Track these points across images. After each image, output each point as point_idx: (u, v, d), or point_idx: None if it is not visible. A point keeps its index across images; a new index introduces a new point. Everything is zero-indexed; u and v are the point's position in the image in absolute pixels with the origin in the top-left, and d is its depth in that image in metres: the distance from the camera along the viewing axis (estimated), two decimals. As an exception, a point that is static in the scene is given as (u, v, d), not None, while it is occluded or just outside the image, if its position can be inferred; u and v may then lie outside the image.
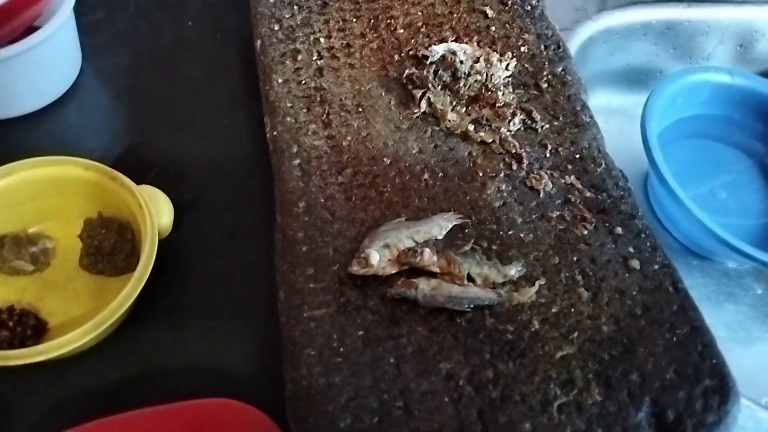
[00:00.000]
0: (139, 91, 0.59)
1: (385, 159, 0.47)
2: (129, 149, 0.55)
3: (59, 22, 0.51)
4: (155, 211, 0.44)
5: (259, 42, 0.54)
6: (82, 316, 0.44)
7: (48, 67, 0.53)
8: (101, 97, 0.59)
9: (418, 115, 0.50)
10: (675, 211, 0.61)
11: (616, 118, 0.76)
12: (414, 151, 0.48)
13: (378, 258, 0.40)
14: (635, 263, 0.44)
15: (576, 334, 0.40)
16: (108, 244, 0.45)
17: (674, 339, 0.41)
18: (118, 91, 0.59)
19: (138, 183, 0.45)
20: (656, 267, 0.44)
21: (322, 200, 0.44)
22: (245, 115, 0.57)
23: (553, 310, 0.41)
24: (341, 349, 0.37)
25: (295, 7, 0.56)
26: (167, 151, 0.54)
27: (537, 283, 0.42)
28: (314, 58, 0.52)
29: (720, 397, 0.39)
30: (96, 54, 0.61)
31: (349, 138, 0.48)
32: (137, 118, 0.57)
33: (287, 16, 0.55)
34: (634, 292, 0.43)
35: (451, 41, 0.54)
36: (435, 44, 0.53)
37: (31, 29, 0.51)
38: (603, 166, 0.49)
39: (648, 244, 0.45)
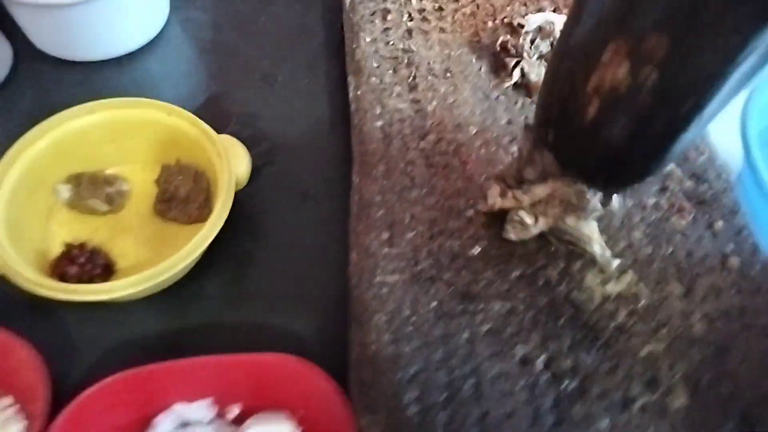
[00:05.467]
0: (222, 46, 0.59)
1: (471, 127, 0.44)
2: (209, 101, 0.55)
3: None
4: (233, 161, 0.43)
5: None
6: (150, 260, 0.43)
7: (134, 13, 0.53)
8: (185, 49, 0.59)
9: (509, 85, 0.47)
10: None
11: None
12: (503, 122, 0.45)
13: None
14: (735, 262, 0.40)
15: (665, 331, 0.37)
16: (183, 191, 0.44)
17: (773, 347, 0.37)
18: (201, 44, 0.59)
19: (218, 133, 0.45)
20: (757, 268, 0.41)
21: (402, 165, 0.42)
22: (326, 76, 0.56)
23: (642, 303, 0.38)
24: (413, 319, 0.36)
25: (388, -34, 0.54)
26: (247, 106, 0.54)
27: (630, 273, 0.39)
28: (404, 18, 0.50)
29: (822, 414, 0.35)
30: (183, 7, 0.61)
31: (434, 103, 0.46)
32: (219, 72, 0.57)
33: (379, -26, 0.53)
34: (731, 293, 0.39)
35: (550, 11, 0.51)
36: (532, 13, 0.50)
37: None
38: (706, 155, 0.45)
39: (749, 242, 0.42)
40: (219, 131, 0.46)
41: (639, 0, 0.27)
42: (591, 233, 0.39)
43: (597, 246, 0.40)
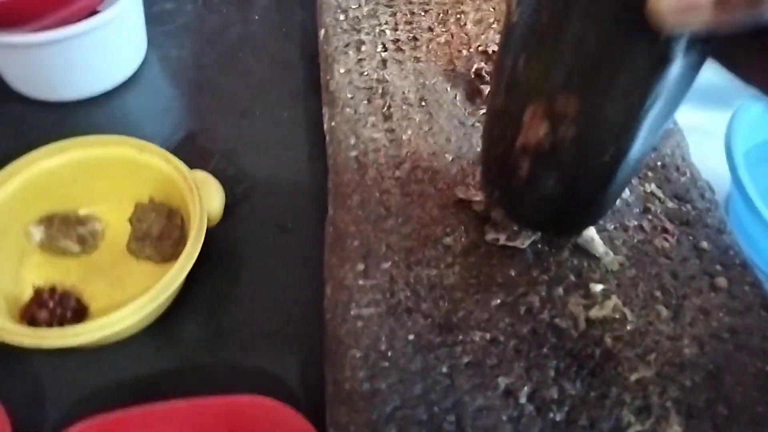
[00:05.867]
0: (202, 82, 0.58)
1: (446, 155, 0.44)
2: (187, 138, 0.54)
3: (123, 6, 0.50)
4: (206, 196, 0.42)
5: (323, 31, 0.52)
6: (124, 301, 0.41)
7: (110, 51, 0.53)
8: (163, 86, 0.58)
9: (485, 111, 0.46)
10: (762, 237, 0.55)
11: (693, 136, 0.70)
12: (479, 149, 0.44)
13: None
14: (722, 281, 0.39)
15: (654, 356, 0.36)
16: (156, 229, 0.43)
17: (766, 368, 0.36)
18: (180, 80, 0.59)
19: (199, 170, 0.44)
20: (746, 287, 0.39)
21: (377, 194, 0.41)
22: (305, 109, 0.55)
23: (628, 328, 0.37)
24: (389, 353, 0.34)
25: (362, -1, 0.54)
26: (225, 142, 0.53)
27: (613, 297, 0.38)
28: (378, 49, 0.50)
29: (821, 438, 0.34)
30: (161, 43, 0.61)
31: (409, 132, 0.45)
32: (198, 108, 0.56)
33: (354, 6, 0.53)
34: (720, 314, 0.38)
35: (524, 37, 0.51)
36: (506, 40, 0.50)
37: (95, 14, 0.51)
38: (687, 175, 0.45)
39: (737, 261, 0.41)
40: (197, 168, 0.45)
41: (547, 64, 0.29)
42: (592, 235, 0.40)
43: (600, 246, 0.40)
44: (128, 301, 0.38)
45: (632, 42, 0.26)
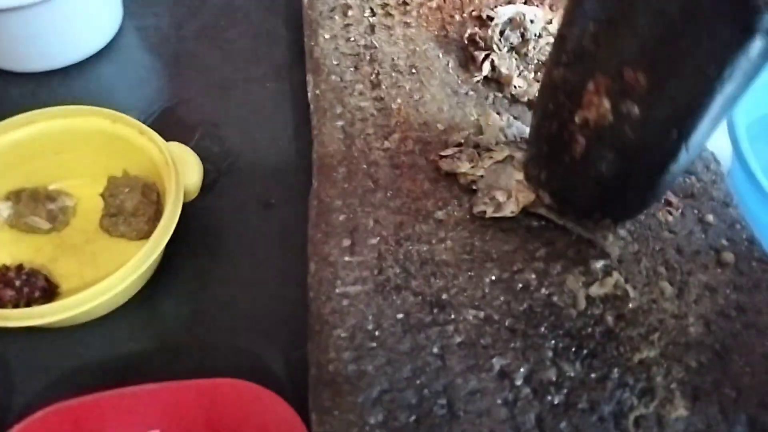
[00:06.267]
0: (181, 53, 0.55)
1: (438, 125, 0.41)
2: (166, 110, 0.51)
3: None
4: (183, 170, 0.40)
5: (307, -5, 0.49)
6: (97, 281, 0.39)
7: (81, 20, 0.50)
8: (141, 57, 0.55)
9: (479, 79, 0.44)
10: (764, 211, 0.53)
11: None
12: (472, 118, 0.42)
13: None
14: (729, 257, 0.37)
15: (657, 335, 0.34)
16: (130, 205, 0.41)
17: (777, 348, 0.34)
18: (159, 51, 0.56)
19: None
20: (753, 263, 0.37)
21: (365, 166, 0.39)
22: (290, 81, 0.53)
23: (631, 306, 0.35)
24: (377, 333, 0.32)
25: (349, -39, 0.51)
26: (207, 115, 0.51)
27: (615, 274, 0.36)
28: (366, 14, 0.47)
29: (833, 420, 0.32)
30: (138, 12, 0.58)
31: (399, 100, 0.42)
32: (177, 80, 0.54)
33: (339, -31, 0.51)
34: (727, 291, 0.36)
35: (521, 3, 0.48)
36: (502, 5, 0.47)
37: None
38: (693, 145, 0.42)
39: (744, 236, 0.39)
40: (176, 141, 0.43)
41: (619, 35, 0.27)
42: None
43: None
44: (101, 280, 0.35)
45: (717, 9, 0.24)
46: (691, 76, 0.26)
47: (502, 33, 0.45)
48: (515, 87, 0.43)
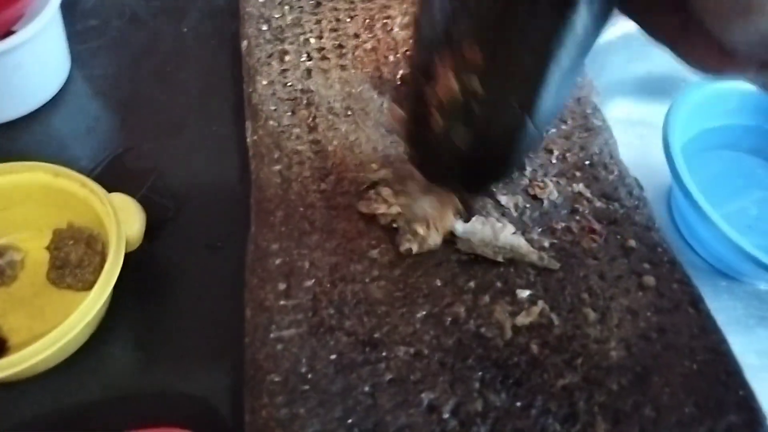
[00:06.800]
0: (129, 99, 0.57)
1: (373, 165, 0.43)
2: (116, 158, 0.52)
3: (39, 25, 0.48)
4: (125, 219, 0.41)
5: (245, 43, 0.51)
6: (45, 333, 0.40)
7: (28, 72, 0.51)
8: (89, 105, 0.56)
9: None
10: (700, 226, 0.55)
11: (636, 129, 0.70)
12: (407, 156, 0.44)
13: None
14: (650, 280, 0.39)
15: (580, 361, 0.36)
16: (75, 257, 0.42)
17: (694, 366, 0.36)
18: (107, 99, 0.57)
19: (133, 193, 0.44)
20: (674, 285, 0.39)
21: (302, 209, 0.41)
22: (236, 123, 0.54)
23: (555, 333, 0.37)
24: (309, 376, 0.33)
25: (286, 7, 0.53)
26: (154, 160, 0.51)
27: (540, 303, 0.37)
28: (303, 59, 0.49)
29: (748, 435, 0.34)
30: (86, 61, 0.59)
31: (335, 142, 0.44)
32: (125, 126, 0.55)
33: (277, 16, 0.52)
34: (648, 313, 0.38)
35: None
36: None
37: (10, 35, 0.49)
38: (615, 173, 0.45)
39: (665, 259, 0.41)
40: (124, 188, 0.44)
41: (454, 13, 0.29)
42: (520, 244, 0.40)
43: (534, 255, 0.39)
44: (50, 332, 0.36)
45: None
46: (523, 51, 0.28)
47: (433, 72, 0.46)
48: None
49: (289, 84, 0.47)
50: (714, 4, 0.23)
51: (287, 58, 0.49)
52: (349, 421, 0.32)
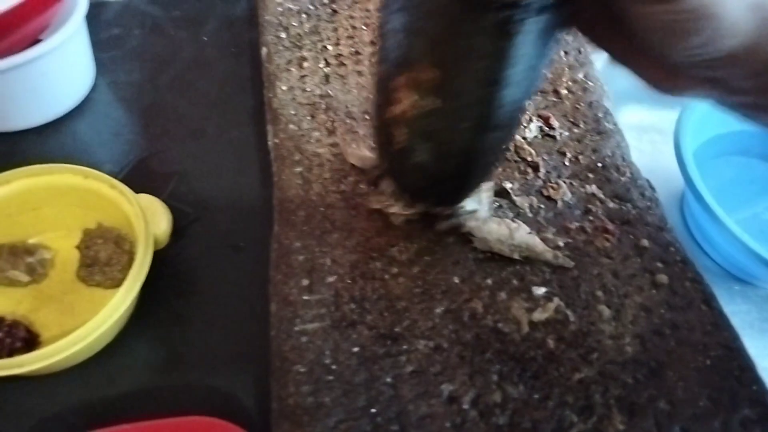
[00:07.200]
0: (152, 106, 0.58)
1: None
2: (140, 162, 0.54)
3: (65, 35, 0.50)
4: (152, 219, 0.42)
5: (264, 50, 0.52)
6: (75, 329, 0.42)
7: (55, 80, 0.53)
8: (113, 111, 0.58)
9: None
10: (714, 231, 0.56)
11: (648, 135, 0.71)
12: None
13: None
14: (663, 278, 0.40)
15: (596, 355, 0.37)
16: (104, 255, 0.43)
17: (708, 362, 0.37)
18: (131, 105, 0.59)
19: (157, 196, 0.45)
20: (687, 283, 0.40)
21: (322, 209, 0.42)
22: (255, 128, 0.56)
23: (571, 329, 0.37)
24: (333, 367, 0.35)
25: (304, 16, 0.54)
26: (177, 164, 0.53)
27: (555, 299, 0.38)
28: (321, 65, 0.51)
29: (761, 429, 0.34)
30: (110, 69, 0.61)
31: (354, 145, 0.45)
32: (148, 131, 0.56)
33: (295, 24, 0.54)
34: (661, 310, 0.39)
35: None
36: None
37: (37, 44, 0.51)
38: (627, 175, 0.46)
39: (678, 258, 0.42)
40: (148, 191, 0.45)
41: (408, 33, 0.30)
42: (536, 243, 0.41)
43: (549, 254, 0.40)
44: (79, 328, 0.38)
45: (469, 11, 0.27)
46: (470, 69, 0.29)
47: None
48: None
49: (308, 89, 0.49)
50: (652, 25, 0.24)
51: (306, 64, 0.51)
52: (372, 410, 0.33)
